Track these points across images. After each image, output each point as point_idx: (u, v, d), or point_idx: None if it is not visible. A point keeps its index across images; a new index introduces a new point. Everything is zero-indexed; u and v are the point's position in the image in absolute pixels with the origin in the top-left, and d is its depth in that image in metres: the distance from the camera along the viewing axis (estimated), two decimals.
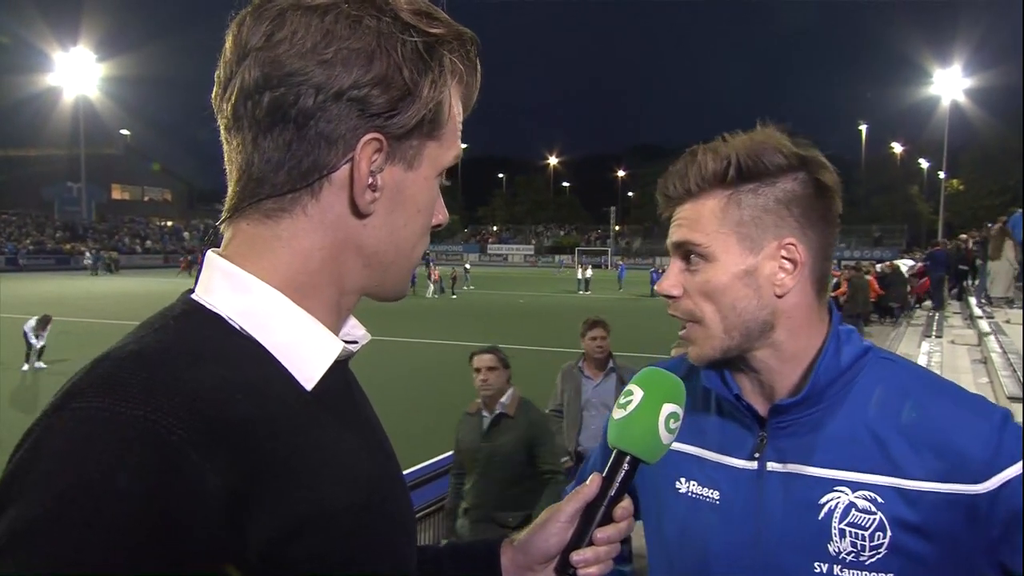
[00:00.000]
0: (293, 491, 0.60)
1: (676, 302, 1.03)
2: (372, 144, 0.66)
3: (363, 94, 0.64)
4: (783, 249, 0.99)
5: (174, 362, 0.58)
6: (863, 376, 1.01)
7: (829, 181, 1.00)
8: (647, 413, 0.86)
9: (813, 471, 0.98)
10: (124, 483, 0.50)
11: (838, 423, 0.99)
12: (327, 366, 0.67)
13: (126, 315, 20.13)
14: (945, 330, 13.49)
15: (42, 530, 0.50)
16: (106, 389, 0.55)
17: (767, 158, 0.98)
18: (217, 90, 0.67)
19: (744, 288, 0.99)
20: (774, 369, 1.03)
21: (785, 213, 0.99)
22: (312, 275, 0.68)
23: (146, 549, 0.50)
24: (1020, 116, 50.33)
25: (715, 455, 1.07)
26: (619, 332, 5.66)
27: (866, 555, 0.94)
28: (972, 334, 12.00)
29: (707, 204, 1.00)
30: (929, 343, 11.51)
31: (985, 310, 14.38)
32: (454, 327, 20.65)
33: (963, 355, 10.44)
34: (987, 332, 10.63)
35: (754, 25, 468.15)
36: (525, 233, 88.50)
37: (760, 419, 1.03)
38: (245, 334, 0.64)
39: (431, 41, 0.67)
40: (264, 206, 0.66)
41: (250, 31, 0.65)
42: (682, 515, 1.08)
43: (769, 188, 0.99)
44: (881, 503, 0.94)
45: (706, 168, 0.99)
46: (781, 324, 1.01)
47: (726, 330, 1.00)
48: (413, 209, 0.71)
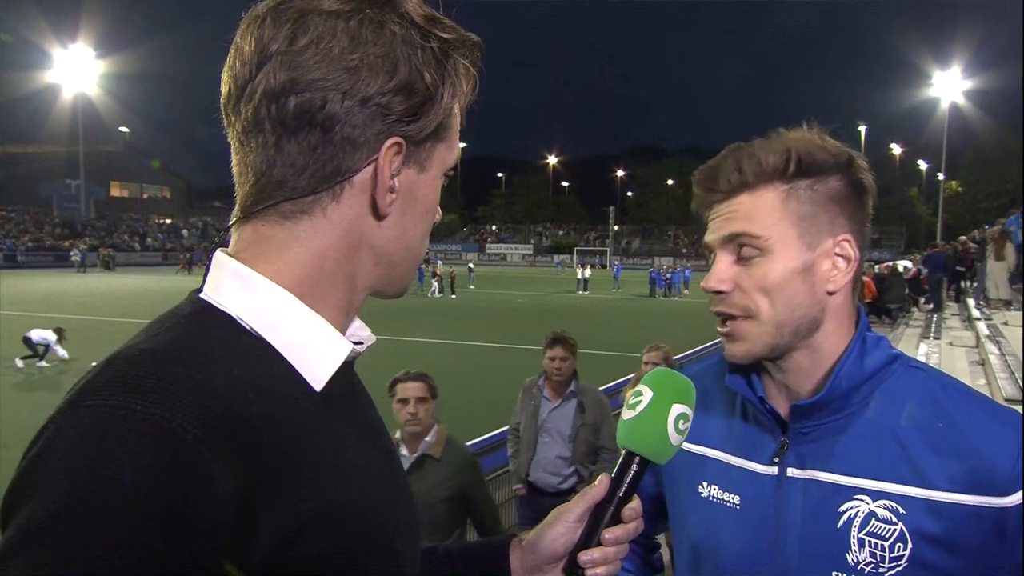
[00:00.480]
0: (299, 490, 0.60)
1: (726, 297, 1.00)
2: (394, 148, 0.67)
3: (387, 100, 0.65)
4: (838, 246, 0.99)
5: (187, 361, 0.59)
6: (889, 383, 0.99)
7: (869, 181, 1.01)
8: (656, 414, 0.85)
9: (833, 478, 0.97)
10: (138, 481, 0.51)
11: (861, 430, 0.97)
12: (336, 367, 0.68)
13: (126, 313, 20.13)
14: (943, 332, 13.50)
15: (56, 528, 0.50)
16: (120, 387, 0.55)
17: (821, 154, 0.98)
18: (232, 91, 0.67)
19: (801, 284, 0.98)
20: (805, 371, 1.02)
21: (838, 210, 0.99)
22: (327, 275, 0.68)
23: (158, 547, 0.51)
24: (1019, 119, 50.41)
25: (737, 459, 1.06)
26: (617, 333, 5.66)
27: (885, 567, 0.92)
28: (970, 336, 12.01)
29: (766, 196, 0.98)
30: (927, 345, 11.51)
31: (983, 312, 14.39)
32: (454, 326, 20.64)
33: (961, 357, 10.45)
34: (986, 335, 10.64)
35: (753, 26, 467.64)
36: (524, 233, 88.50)
37: (782, 424, 1.02)
38: (255, 334, 0.65)
39: (445, 47, 0.68)
40: (282, 208, 0.67)
41: (271, 33, 0.64)
42: (704, 519, 1.07)
43: (823, 184, 0.98)
44: (903, 513, 0.92)
45: (766, 160, 0.98)
46: (827, 322, 1.00)
47: (778, 326, 0.98)
48: (422, 209, 0.73)
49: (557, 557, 0.85)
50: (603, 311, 26.24)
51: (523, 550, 0.87)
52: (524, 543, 0.87)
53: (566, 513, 0.85)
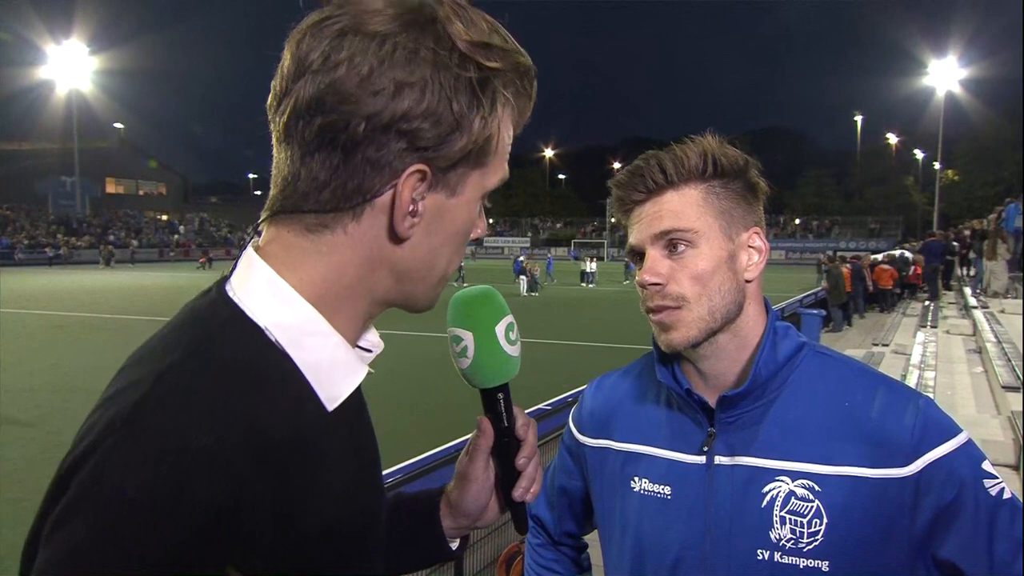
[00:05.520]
0: (311, 514, 0.63)
1: (662, 289, 1.06)
2: (416, 175, 0.66)
3: (412, 127, 0.65)
4: (751, 238, 1.09)
5: (234, 384, 0.61)
6: (800, 369, 1.07)
7: (763, 185, 1.12)
8: (489, 349, 0.83)
9: (757, 462, 1.04)
10: (194, 513, 0.54)
11: (778, 415, 1.05)
12: (350, 391, 0.69)
13: (126, 311, 20.10)
14: (940, 320, 13.55)
15: (103, 550, 0.52)
16: (177, 410, 0.57)
17: (728, 158, 1.08)
18: (272, 101, 0.68)
19: (727, 271, 1.06)
20: (729, 355, 1.09)
21: (746, 207, 1.09)
22: (345, 288, 0.69)
23: (201, 568, 0.54)
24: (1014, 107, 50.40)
25: (665, 452, 1.12)
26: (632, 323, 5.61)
27: (804, 542, 0.99)
28: (967, 324, 12.05)
29: (690, 193, 1.07)
30: (924, 333, 11.55)
31: (980, 300, 14.44)
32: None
33: (958, 345, 10.49)
34: (983, 323, 10.68)
35: (748, 17, 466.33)
36: (522, 226, 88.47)
37: (709, 414, 1.08)
38: (280, 348, 0.66)
39: (486, 75, 0.67)
40: (306, 219, 0.67)
41: (309, 48, 0.65)
42: (636, 512, 1.13)
43: (734, 183, 1.08)
44: (818, 491, 1.00)
45: (689, 161, 1.07)
46: (745, 308, 1.09)
47: (711, 312, 1.05)
48: (452, 231, 0.72)
49: (483, 508, 0.89)
50: (615, 303, 26.17)
51: (451, 515, 0.91)
52: (451, 508, 0.91)
53: (471, 470, 0.87)
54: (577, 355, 13.44)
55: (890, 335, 12.59)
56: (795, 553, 1.00)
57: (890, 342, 11.49)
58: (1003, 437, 5.47)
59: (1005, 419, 5.97)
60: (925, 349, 9.59)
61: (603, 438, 1.21)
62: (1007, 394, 6.54)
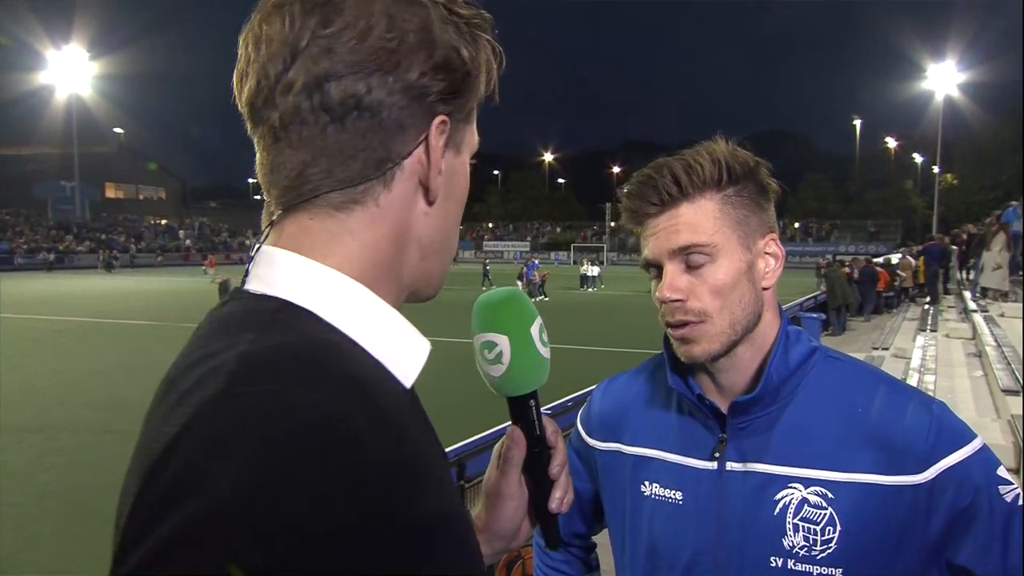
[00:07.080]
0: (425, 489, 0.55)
1: (683, 304, 1.04)
2: (441, 126, 0.65)
3: (430, 79, 0.64)
4: (767, 245, 1.07)
5: (323, 352, 0.55)
6: (812, 374, 1.06)
7: (774, 186, 1.09)
8: (526, 353, 0.78)
9: (769, 468, 1.03)
10: (311, 475, 0.46)
11: (791, 421, 1.04)
12: (422, 364, 0.65)
13: (125, 315, 20.10)
14: (940, 324, 13.54)
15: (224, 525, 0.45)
16: (273, 374, 0.51)
17: (740, 163, 1.05)
18: (262, 85, 0.63)
19: (746, 282, 1.04)
20: (744, 364, 1.07)
21: (761, 213, 1.07)
22: (380, 268, 0.65)
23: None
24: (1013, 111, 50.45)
25: (676, 456, 1.11)
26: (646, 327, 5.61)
27: (817, 549, 0.98)
28: (967, 328, 12.05)
29: (705, 206, 1.04)
30: (924, 337, 11.55)
31: (979, 303, 14.44)
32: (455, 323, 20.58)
33: (958, 349, 10.49)
34: (982, 326, 10.68)
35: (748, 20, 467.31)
36: (521, 230, 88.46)
37: (721, 419, 1.07)
38: (340, 331, 0.60)
39: (470, 23, 0.67)
40: (333, 199, 0.64)
41: (301, 20, 0.62)
42: (647, 517, 1.12)
43: (746, 190, 1.05)
44: (831, 498, 0.99)
45: (703, 171, 1.03)
46: (763, 316, 1.07)
47: (732, 324, 1.04)
48: (460, 194, 0.71)
49: (518, 527, 0.82)
50: (621, 308, 26.19)
51: (486, 542, 0.82)
52: (483, 534, 0.82)
53: (505, 487, 0.80)
54: (578, 357, 13.43)
55: (890, 339, 12.59)
56: (809, 561, 0.98)
57: (890, 346, 11.50)
58: (1003, 441, 5.46)
59: (1005, 423, 5.96)
60: (925, 353, 9.58)
61: (613, 441, 1.20)
62: (1007, 398, 6.53)
